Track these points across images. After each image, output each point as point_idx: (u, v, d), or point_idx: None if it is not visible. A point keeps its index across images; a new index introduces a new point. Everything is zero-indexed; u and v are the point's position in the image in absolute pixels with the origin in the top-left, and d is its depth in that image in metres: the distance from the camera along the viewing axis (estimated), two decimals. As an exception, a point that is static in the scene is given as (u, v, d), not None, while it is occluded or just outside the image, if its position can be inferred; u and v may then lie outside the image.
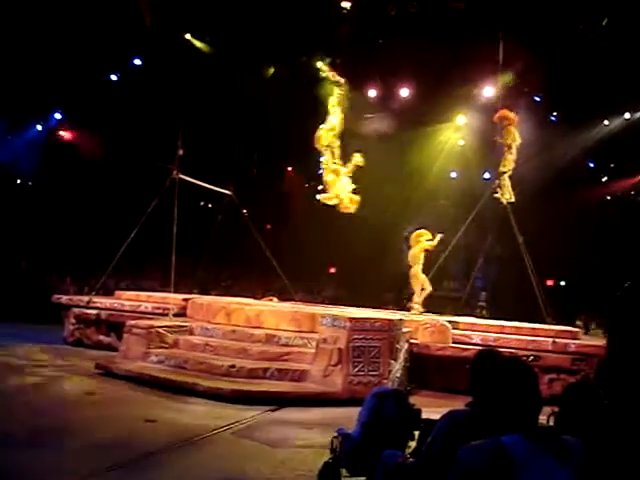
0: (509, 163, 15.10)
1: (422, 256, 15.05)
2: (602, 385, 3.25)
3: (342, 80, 15.29)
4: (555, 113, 21.03)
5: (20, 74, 18.71)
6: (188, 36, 18.41)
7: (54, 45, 18.00)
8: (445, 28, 16.77)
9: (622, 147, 20.20)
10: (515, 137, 15.28)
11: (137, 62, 19.87)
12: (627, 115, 19.96)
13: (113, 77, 20.43)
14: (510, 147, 15.25)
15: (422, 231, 15.18)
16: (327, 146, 15.41)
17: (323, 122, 15.48)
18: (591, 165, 22.91)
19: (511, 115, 15.37)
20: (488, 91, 18.77)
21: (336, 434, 4.24)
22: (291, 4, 16.57)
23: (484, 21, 16.20)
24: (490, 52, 16.06)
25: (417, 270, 15.06)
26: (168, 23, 17.39)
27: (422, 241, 15.02)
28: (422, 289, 15.09)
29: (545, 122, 20.27)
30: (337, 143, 15.53)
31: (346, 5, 16.82)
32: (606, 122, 20.34)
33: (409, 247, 15.26)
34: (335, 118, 15.43)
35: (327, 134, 15.31)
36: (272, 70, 19.98)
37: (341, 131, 15.52)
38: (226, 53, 18.59)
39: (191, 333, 12.31)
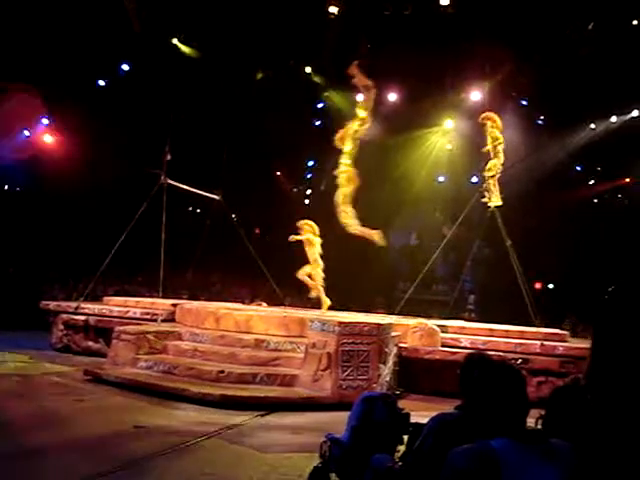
0: (495, 167, 15.15)
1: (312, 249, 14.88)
2: (590, 388, 3.27)
3: (370, 83, 14.91)
4: (542, 117, 21.15)
5: (6, 79, 18.62)
6: (175, 41, 18.42)
7: (42, 50, 17.94)
8: (432, 33, 16.85)
9: (608, 150, 20.33)
10: (498, 139, 15.29)
11: (125, 67, 19.83)
12: (614, 118, 20.10)
13: (101, 82, 20.37)
14: (496, 150, 15.29)
15: (307, 222, 15.07)
16: (348, 149, 15.10)
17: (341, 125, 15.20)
18: (578, 168, 23.04)
19: (493, 116, 15.42)
20: (475, 95, 18.86)
21: (325, 439, 4.24)
22: (278, 9, 16.60)
23: (471, 26, 16.30)
24: (477, 57, 16.16)
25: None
26: (156, 29, 17.39)
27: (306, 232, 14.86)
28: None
29: (532, 126, 20.39)
30: (352, 146, 15.19)
31: (334, 10, 16.85)
32: (592, 125, 20.47)
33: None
34: (361, 121, 15.09)
35: (351, 134, 14.98)
36: (260, 75, 20.00)
37: (360, 135, 15.19)
38: (214, 58, 18.59)
39: (180, 339, 12.28)
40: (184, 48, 18.57)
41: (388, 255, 23.84)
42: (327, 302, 14.92)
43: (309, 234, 14.73)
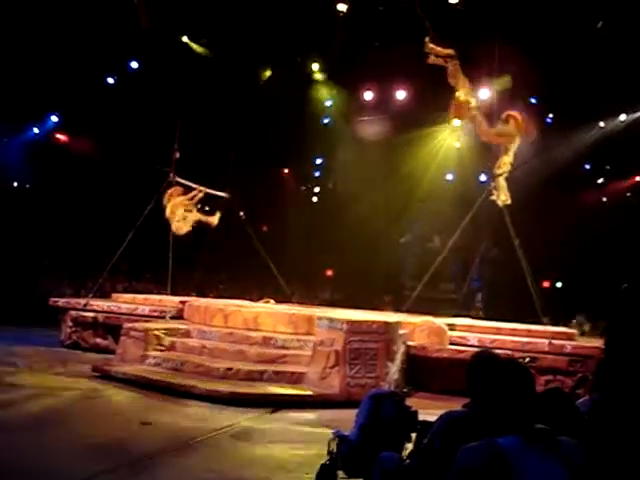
0: (505, 165, 15.07)
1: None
2: (598, 386, 3.26)
3: (452, 51, 14.60)
4: (551, 115, 21.06)
5: (16, 77, 18.69)
6: (185, 39, 18.42)
7: (51, 48, 17.99)
8: (441, 30, 16.79)
9: (618, 149, 20.24)
10: (514, 139, 15.20)
11: (134, 65, 19.85)
12: (623, 117, 20.00)
13: (110, 80, 20.41)
14: (507, 149, 15.21)
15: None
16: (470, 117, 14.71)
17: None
18: (587, 167, 22.94)
19: (517, 116, 15.28)
20: (484, 93, 18.78)
21: (333, 436, 4.25)
22: (287, 6, 16.58)
23: (480, 22, 16.24)
24: (486, 54, 16.08)
25: None
26: (165, 26, 17.40)
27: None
28: None
29: (541, 124, 20.31)
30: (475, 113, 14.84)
31: (342, 8, 16.82)
32: (602, 124, 20.38)
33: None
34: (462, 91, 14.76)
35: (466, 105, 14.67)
36: (268, 72, 19.99)
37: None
38: (222, 55, 18.60)
39: (188, 336, 12.31)
40: (194, 45, 18.56)
41: (396, 253, 23.86)
42: None
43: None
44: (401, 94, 20.56)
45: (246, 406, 9.11)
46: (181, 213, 15.45)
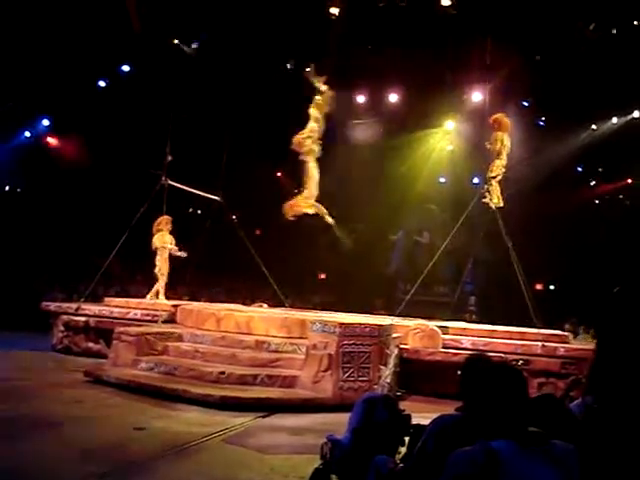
0: (498, 168, 15.11)
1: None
2: (591, 389, 3.25)
3: (324, 87, 15.20)
4: (543, 118, 21.14)
5: (7, 80, 18.64)
6: (176, 41, 18.39)
7: (42, 51, 17.95)
8: (433, 33, 16.84)
9: (609, 151, 20.32)
10: (505, 142, 15.29)
11: (125, 68, 19.82)
12: (615, 119, 20.10)
13: (101, 83, 20.38)
14: (500, 153, 15.26)
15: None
16: (308, 151, 15.32)
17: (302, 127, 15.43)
18: (579, 169, 23.03)
19: (504, 119, 15.39)
20: (477, 96, 18.85)
21: (326, 440, 4.23)
22: (279, 10, 16.58)
23: (472, 25, 16.28)
24: (478, 57, 16.13)
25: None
26: (156, 29, 17.37)
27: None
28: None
29: (533, 126, 20.38)
30: (317, 149, 15.41)
31: (334, 11, 16.83)
32: (594, 126, 20.46)
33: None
34: (316, 124, 15.34)
35: (306, 140, 15.23)
36: (261, 75, 19.98)
37: (320, 137, 15.41)
38: (214, 58, 18.58)
39: (180, 340, 12.26)
40: (185, 48, 18.53)
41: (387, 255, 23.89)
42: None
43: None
44: (393, 97, 20.60)
45: (239, 410, 9.08)
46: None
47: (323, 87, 15.20)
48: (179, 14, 17.26)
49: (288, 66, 19.64)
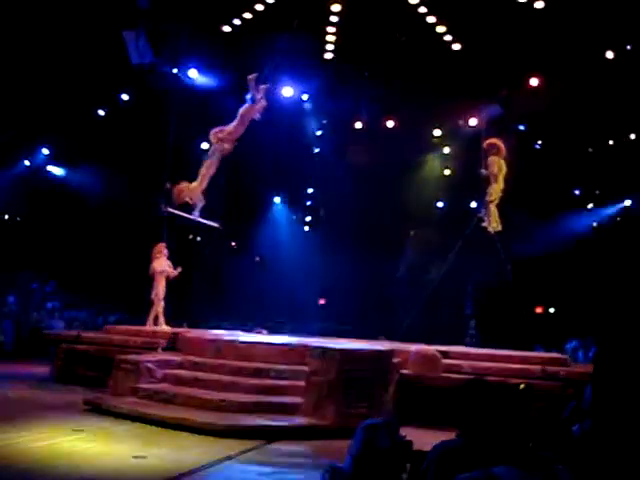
0: (495, 192, 15.20)
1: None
2: (590, 412, 3.26)
3: (260, 97, 15.36)
4: (540, 142, 21.24)
5: (6, 110, 18.77)
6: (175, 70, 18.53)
7: (41, 81, 18.10)
8: (431, 61, 17.02)
9: (607, 173, 20.38)
10: (502, 167, 15.40)
11: (125, 97, 19.96)
12: (611, 142, 20.19)
13: (101, 112, 20.52)
14: (497, 176, 15.36)
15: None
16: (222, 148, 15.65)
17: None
18: (576, 192, 23.07)
19: (500, 144, 15.52)
20: (473, 122, 18.99)
21: (328, 468, 4.22)
22: (276, 34, 16.71)
23: (471, 50, 16.44)
24: (476, 82, 16.27)
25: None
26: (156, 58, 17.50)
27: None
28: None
29: (529, 150, 20.48)
30: (229, 149, 15.69)
31: (331, 39, 17.02)
32: (590, 149, 20.56)
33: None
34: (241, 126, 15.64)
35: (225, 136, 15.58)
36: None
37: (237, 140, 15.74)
38: (212, 83, 18.72)
39: (180, 367, 12.22)
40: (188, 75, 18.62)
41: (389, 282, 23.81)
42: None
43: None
44: (390, 123, 20.76)
45: (240, 438, 9.04)
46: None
47: (259, 96, 15.32)
48: (178, 42, 17.42)
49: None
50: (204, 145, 17.12)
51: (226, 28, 16.92)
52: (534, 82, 17.60)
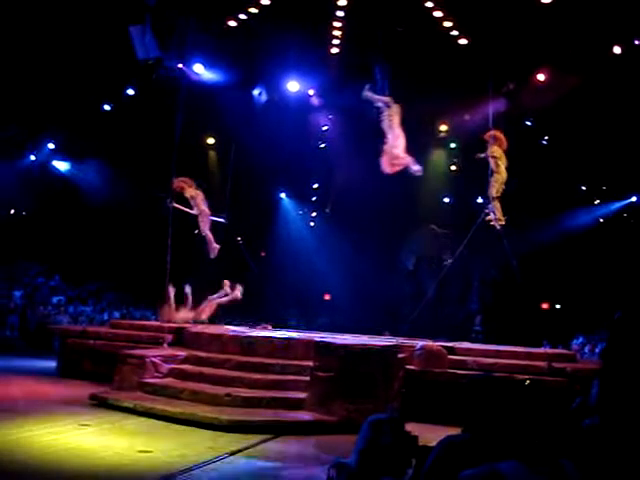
0: (499, 183, 15.15)
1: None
2: (597, 408, 3.23)
3: (389, 99, 15.29)
4: (546, 137, 21.16)
5: (12, 104, 18.78)
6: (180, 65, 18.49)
7: (47, 75, 18.10)
8: (436, 56, 16.95)
9: (613, 169, 20.30)
10: (502, 156, 15.31)
11: (130, 92, 19.95)
12: (617, 138, 20.08)
13: (107, 107, 20.52)
14: (497, 164, 15.29)
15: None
16: None
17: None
18: (583, 188, 22.98)
19: (500, 135, 15.46)
20: (480, 116, 18.91)
21: (332, 463, 4.21)
22: (282, 34, 16.68)
23: (475, 46, 16.37)
24: (482, 77, 16.19)
25: None
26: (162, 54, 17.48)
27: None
28: None
29: (536, 145, 20.41)
30: None
31: (337, 34, 16.95)
32: (596, 145, 20.45)
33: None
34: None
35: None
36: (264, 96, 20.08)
37: None
38: (217, 79, 18.69)
39: (186, 362, 12.24)
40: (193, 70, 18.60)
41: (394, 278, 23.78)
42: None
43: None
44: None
45: (245, 432, 9.05)
46: None
47: (389, 100, 15.33)
48: (185, 37, 17.39)
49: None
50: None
51: (232, 23, 16.82)
52: (541, 77, 17.49)
